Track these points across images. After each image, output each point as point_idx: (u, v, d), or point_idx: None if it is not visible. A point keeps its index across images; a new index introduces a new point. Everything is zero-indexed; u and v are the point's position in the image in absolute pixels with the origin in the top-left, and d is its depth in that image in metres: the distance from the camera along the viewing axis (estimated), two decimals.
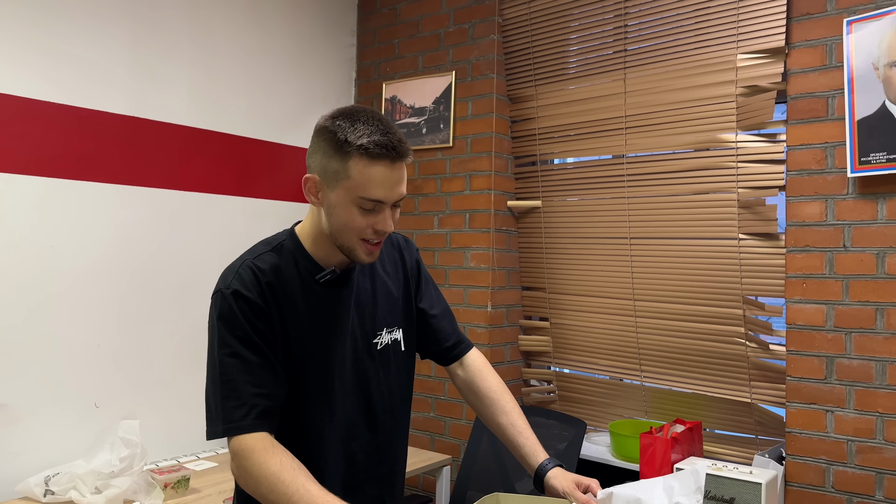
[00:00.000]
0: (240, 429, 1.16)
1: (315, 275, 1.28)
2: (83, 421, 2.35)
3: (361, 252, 1.24)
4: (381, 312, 1.38)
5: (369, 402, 1.34)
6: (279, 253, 1.29)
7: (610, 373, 2.81)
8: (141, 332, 2.52)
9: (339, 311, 1.30)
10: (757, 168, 2.37)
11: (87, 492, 2.11)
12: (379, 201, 1.20)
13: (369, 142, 1.16)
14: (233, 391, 1.18)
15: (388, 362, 1.38)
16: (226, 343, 1.20)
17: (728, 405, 2.50)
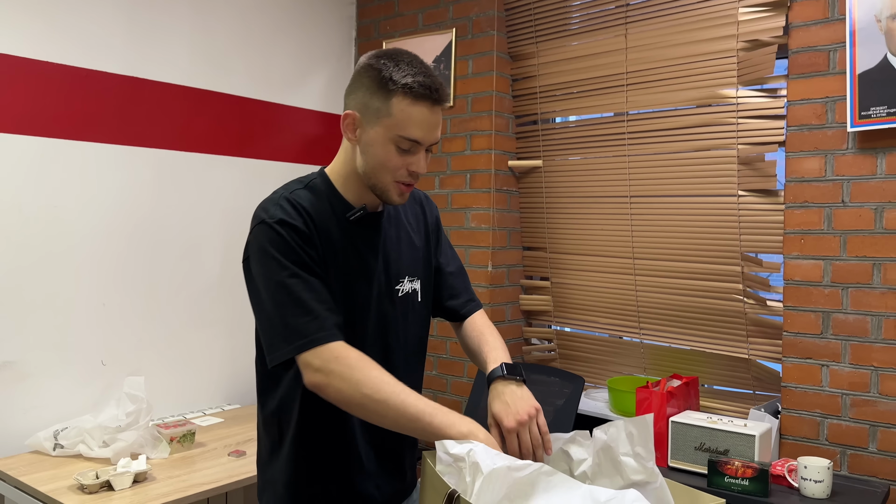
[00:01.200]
0: (320, 340, 1.17)
1: (346, 213, 1.30)
2: (90, 378, 2.40)
3: (394, 193, 1.26)
4: (405, 261, 1.39)
5: (387, 347, 1.36)
6: (312, 191, 1.30)
7: (609, 331, 2.83)
8: (145, 292, 2.56)
9: (368, 252, 1.32)
10: (757, 124, 2.35)
11: (95, 445, 2.17)
12: (416, 142, 1.22)
13: (414, 82, 1.19)
14: (303, 308, 1.18)
15: (407, 311, 1.40)
16: (284, 267, 1.20)
17: (726, 361, 2.52)
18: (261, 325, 1.26)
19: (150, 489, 1.94)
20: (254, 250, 1.25)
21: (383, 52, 1.25)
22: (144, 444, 2.17)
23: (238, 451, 2.25)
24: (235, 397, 2.86)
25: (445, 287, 1.50)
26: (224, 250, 2.80)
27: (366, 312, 1.32)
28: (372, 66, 1.23)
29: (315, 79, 3.16)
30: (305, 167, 3.10)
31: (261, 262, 1.23)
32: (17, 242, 2.23)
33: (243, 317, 2.87)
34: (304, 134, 3.11)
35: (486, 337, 1.44)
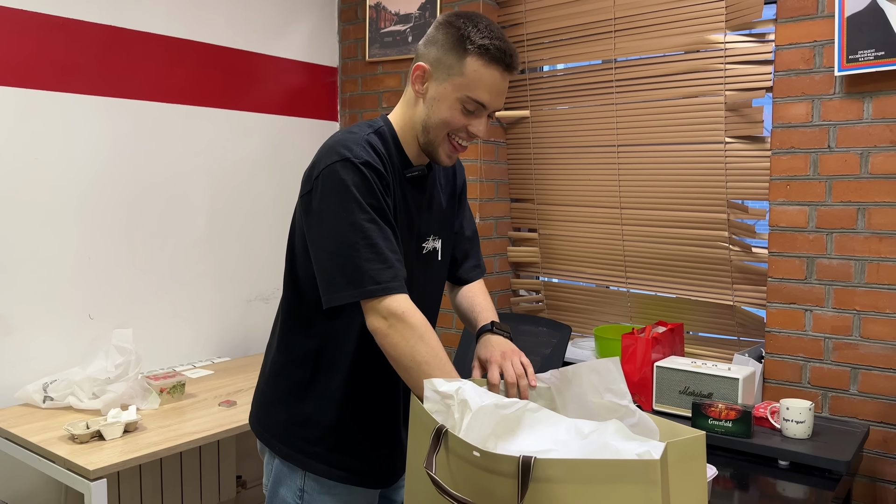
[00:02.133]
0: (390, 289, 1.18)
1: (405, 167, 1.32)
2: (78, 331, 2.40)
3: (444, 152, 1.28)
4: (433, 219, 1.41)
5: (422, 292, 1.39)
6: (382, 137, 1.30)
7: (597, 280, 2.85)
8: (131, 245, 2.54)
9: (415, 210, 1.35)
10: (744, 69, 2.33)
11: (85, 397, 2.17)
12: (482, 105, 1.23)
13: (490, 44, 1.20)
14: (378, 254, 1.19)
15: (428, 268, 1.42)
16: (364, 210, 1.20)
17: (711, 308, 2.54)
18: (322, 263, 1.23)
19: (140, 438, 1.96)
20: (329, 185, 1.22)
21: (464, 13, 1.26)
22: (134, 396, 2.18)
23: (229, 401, 2.27)
24: (225, 350, 2.87)
25: (459, 250, 1.53)
26: (209, 202, 2.78)
27: (408, 265, 1.35)
28: (451, 23, 1.24)
29: (298, 28, 3.10)
30: (290, 119, 3.06)
31: (338, 200, 1.20)
32: (1, 196, 2.20)
33: (232, 269, 2.87)
34: (288, 85, 3.06)
35: (479, 299, 1.50)
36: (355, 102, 3.27)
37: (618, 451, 0.97)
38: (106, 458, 1.82)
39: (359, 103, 3.25)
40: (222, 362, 2.77)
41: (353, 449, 1.36)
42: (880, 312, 2.08)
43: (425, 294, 1.43)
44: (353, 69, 3.23)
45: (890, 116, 2.03)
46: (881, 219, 2.06)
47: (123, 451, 1.87)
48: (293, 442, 1.36)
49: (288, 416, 1.37)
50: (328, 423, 1.35)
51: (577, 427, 1.05)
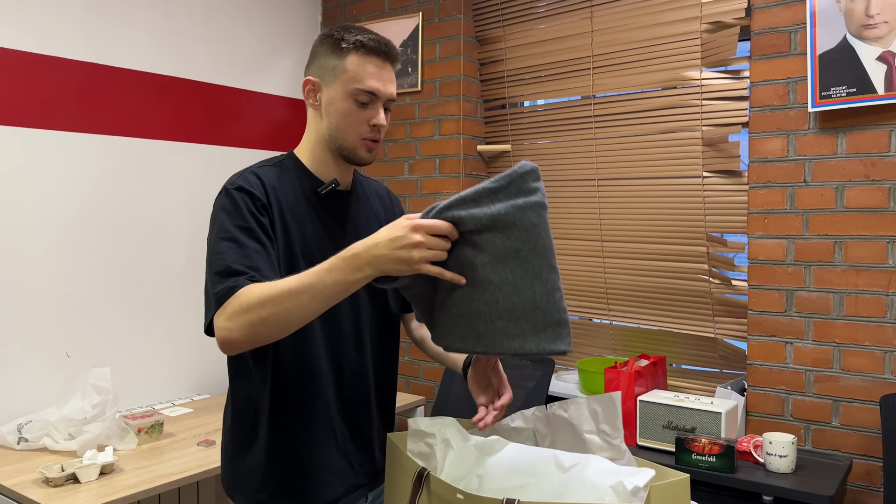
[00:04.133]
0: (233, 289, 1.11)
1: (316, 189, 1.33)
2: (55, 370, 2.36)
3: (362, 149, 1.30)
4: None
5: (359, 324, 1.36)
6: (280, 168, 1.34)
7: (579, 313, 2.85)
8: (109, 281, 2.51)
9: (336, 227, 1.34)
10: (721, 105, 2.38)
11: (61, 438, 2.13)
12: (373, 93, 1.27)
13: (365, 38, 1.27)
14: (225, 268, 1.15)
15: (377, 293, 1.40)
16: (224, 230, 1.20)
17: (693, 341, 2.55)
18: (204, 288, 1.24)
19: (117, 481, 1.92)
20: (212, 217, 1.26)
21: (335, 25, 1.35)
22: (111, 436, 2.14)
23: (208, 440, 2.23)
24: (205, 387, 2.83)
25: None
26: (190, 237, 2.76)
27: None
28: (325, 35, 1.32)
29: (280, 64, 3.12)
30: (271, 153, 3.05)
31: (211, 229, 1.23)
32: None
33: None
34: (269, 120, 3.07)
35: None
36: None
37: (595, 487, 0.97)
38: (81, 502, 1.78)
39: None
40: (202, 399, 2.73)
41: (294, 489, 1.31)
42: (859, 344, 2.10)
43: (380, 320, 1.40)
44: None
45: (863, 151, 2.08)
46: (858, 252, 2.09)
47: (99, 494, 1.83)
48: (246, 492, 1.33)
49: (239, 466, 1.35)
50: (263, 467, 1.31)
51: (558, 459, 1.05)
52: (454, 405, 2.71)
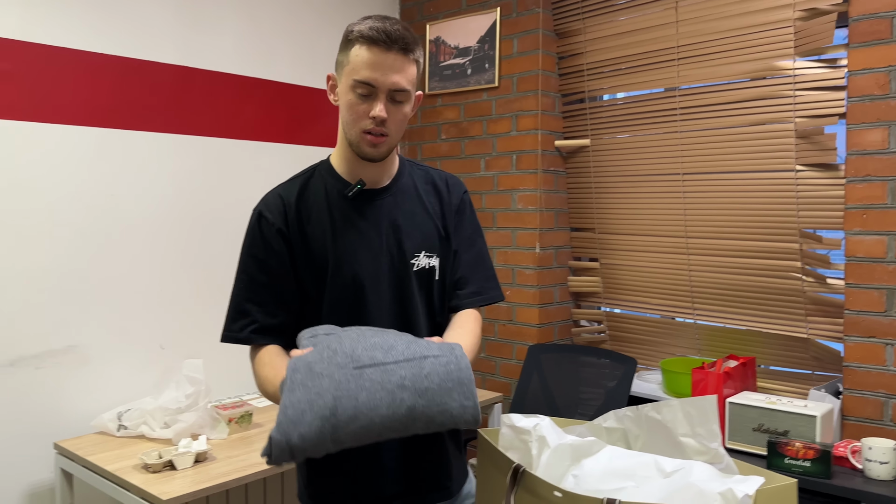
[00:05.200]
0: (237, 339, 1.31)
1: (343, 191, 1.33)
2: (150, 361, 2.47)
3: (364, 144, 1.28)
4: (420, 235, 1.37)
5: (406, 322, 1.34)
6: (311, 176, 1.37)
7: (662, 311, 2.79)
8: (200, 277, 2.61)
9: (370, 226, 1.33)
10: (816, 96, 2.28)
11: (157, 426, 2.23)
12: (370, 84, 1.23)
13: (368, 28, 1.24)
14: (236, 304, 1.32)
15: (425, 286, 1.37)
16: (242, 260, 1.34)
17: (783, 341, 2.46)
18: None
19: (210, 468, 1.99)
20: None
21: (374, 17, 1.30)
22: (204, 425, 2.23)
23: None
24: None
25: (454, 274, 1.42)
26: None
27: (377, 285, 1.32)
28: (346, 29, 1.30)
29: None
30: None
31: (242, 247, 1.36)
32: (79, 230, 2.29)
33: None
34: None
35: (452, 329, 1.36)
36: (415, 134, 3.31)
37: (702, 493, 0.94)
38: (178, 487, 1.86)
39: (418, 135, 3.29)
40: None
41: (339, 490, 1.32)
42: None
43: (429, 314, 1.37)
44: None
45: None
46: None
47: (194, 481, 1.90)
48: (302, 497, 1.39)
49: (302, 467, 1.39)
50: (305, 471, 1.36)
51: (659, 464, 1.02)
52: (532, 402, 2.70)
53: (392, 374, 1.06)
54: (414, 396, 1.04)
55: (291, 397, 1.02)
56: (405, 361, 1.08)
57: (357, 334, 1.12)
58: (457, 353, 1.11)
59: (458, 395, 1.06)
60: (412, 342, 1.11)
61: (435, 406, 1.06)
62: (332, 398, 1.02)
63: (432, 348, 1.11)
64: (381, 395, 1.03)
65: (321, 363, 1.06)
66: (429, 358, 1.09)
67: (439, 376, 1.06)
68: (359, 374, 1.05)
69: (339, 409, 1.01)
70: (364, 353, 1.07)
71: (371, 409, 1.03)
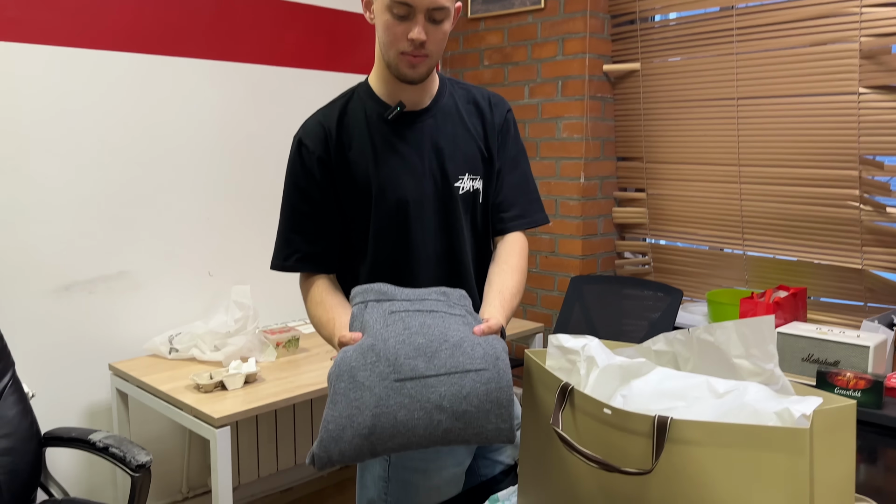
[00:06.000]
0: (284, 268, 1.33)
1: (383, 114, 1.29)
2: (198, 287, 2.52)
3: (403, 65, 1.23)
4: (463, 157, 1.33)
5: (451, 247, 1.33)
6: (350, 98, 1.33)
7: (710, 242, 2.73)
8: (244, 205, 2.63)
9: (412, 149, 1.30)
10: (883, 13, 2.14)
11: (208, 349, 2.29)
12: (407, 4, 1.17)
13: None
14: (282, 234, 1.33)
15: (470, 210, 1.34)
16: (286, 190, 1.33)
17: (836, 272, 2.39)
18: None
19: (260, 389, 2.05)
20: None
21: None
22: (253, 349, 2.28)
23: None
24: None
25: (497, 195, 1.38)
26: None
27: (421, 209, 1.29)
28: None
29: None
30: None
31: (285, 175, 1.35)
32: (124, 158, 2.32)
33: None
34: None
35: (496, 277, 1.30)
36: (456, 61, 3.23)
37: (757, 412, 0.93)
38: (229, 406, 1.92)
39: (460, 62, 3.21)
40: None
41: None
42: None
43: (474, 240, 1.35)
44: (455, 27, 3.19)
45: None
46: None
47: (245, 400, 1.96)
48: None
49: None
50: None
51: (711, 385, 1.01)
52: (573, 333, 2.70)
53: (432, 391, 1.05)
54: (451, 419, 1.04)
55: (333, 411, 1.04)
56: (446, 376, 1.06)
57: (403, 329, 1.10)
58: (500, 366, 1.07)
59: (495, 418, 1.05)
60: (457, 347, 1.07)
61: (471, 429, 1.06)
62: (371, 416, 1.03)
63: (475, 359, 1.07)
64: (418, 416, 1.03)
65: (364, 370, 1.05)
66: (470, 374, 1.07)
67: (478, 398, 1.05)
68: (399, 387, 1.04)
69: (378, 428, 1.03)
70: (406, 361, 1.06)
71: (408, 429, 1.04)
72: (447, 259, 1.34)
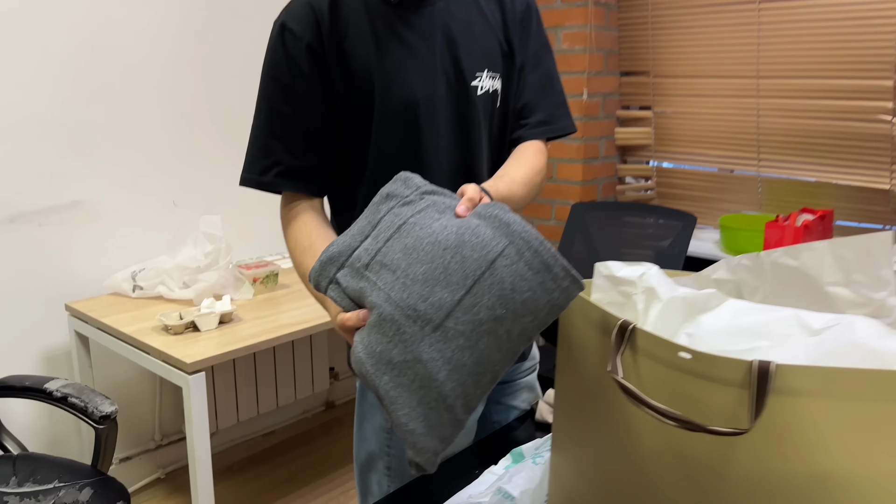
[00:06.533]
0: (259, 184, 1.09)
1: None
2: (163, 219, 2.27)
3: None
4: (481, 50, 1.10)
5: (469, 160, 1.11)
6: None
7: (720, 164, 2.53)
8: (210, 130, 2.36)
9: (421, 39, 1.06)
10: None
11: (176, 286, 2.06)
12: None
13: None
14: (257, 140, 1.08)
15: (490, 114, 1.12)
16: (263, 85, 1.08)
17: (860, 194, 2.22)
18: None
19: (236, 330, 1.83)
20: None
21: None
22: (227, 285, 2.06)
23: None
24: None
25: (518, 98, 1.17)
26: None
27: (433, 113, 1.07)
28: None
29: None
30: None
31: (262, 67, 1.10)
32: (74, 74, 2.02)
33: None
34: None
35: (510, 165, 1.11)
36: None
37: (875, 353, 0.73)
38: (202, 350, 1.70)
39: None
40: None
41: None
42: None
43: (494, 147, 1.14)
44: None
45: None
46: None
47: (220, 343, 1.75)
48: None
49: None
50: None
51: (802, 319, 0.81)
52: (576, 266, 2.51)
53: (476, 310, 0.80)
54: (516, 320, 0.80)
55: (400, 410, 0.80)
56: (476, 285, 0.80)
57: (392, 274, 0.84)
58: (516, 229, 0.81)
59: (553, 282, 0.80)
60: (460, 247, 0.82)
61: (542, 311, 0.81)
62: (441, 383, 0.79)
63: (488, 244, 0.81)
64: (484, 344, 0.80)
65: (395, 348, 0.81)
66: (496, 263, 0.81)
67: (524, 279, 0.80)
68: (443, 333, 0.80)
69: (458, 386, 0.80)
70: (425, 304, 0.80)
71: (485, 363, 0.80)
72: (463, 177, 1.11)
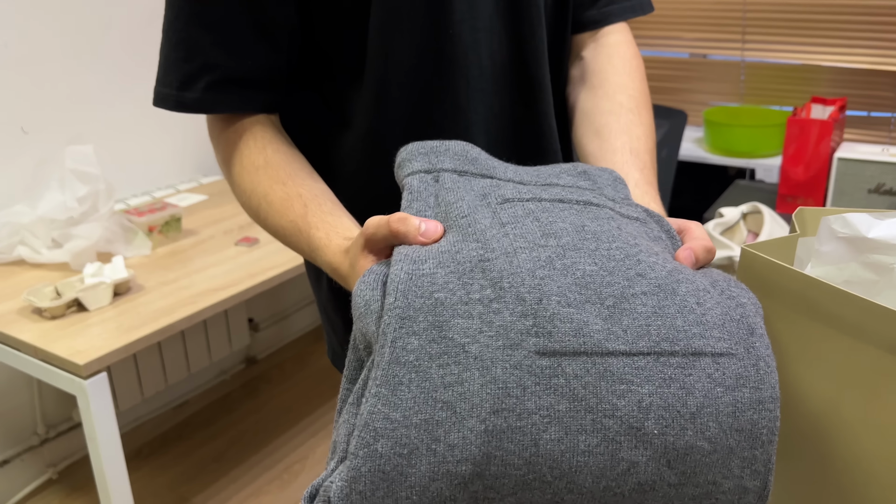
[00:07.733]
0: (182, 103, 0.68)
1: None
2: (11, 153, 1.68)
3: None
4: None
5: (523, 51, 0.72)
6: None
7: (694, 49, 2.20)
8: (68, 26, 1.74)
9: None
10: None
11: (42, 246, 1.52)
12: None
13: None
14: (176, 35, 0.68)
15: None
16: None
17: (861, 78, 1.97)
18: None
19: (138, 304, 1.35)
20: None
21: None
22: (114, 240, 1.54)
23: (248, 238, 1.64)
24: (213, 166, 2.19)
25: None
26: None
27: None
28: None
29: None
30: None
31: None
32: None
33: None
34: None
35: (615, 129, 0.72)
36: None
37: None
38: (97, 340, 1.22)
39: None
40: (214, 182, 2.11)
41: None
42: None
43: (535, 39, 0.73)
44: None
45: None
46: None
47: (121, 327, 1.27)
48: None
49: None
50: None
51: None
52: None
53: (620, 388, 0.42)
54: (656, 461, 0.42)
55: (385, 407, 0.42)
56: (651, 357, 0.42)
57: (541, 235, 0.47)
58: (759, 352, 0.44)
59: (740, 466, 0.43)
60: (669, 292, 0.44)
61: (690, 486, 0.42)
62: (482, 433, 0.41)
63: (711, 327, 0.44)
64: (588, 444, 0.41)
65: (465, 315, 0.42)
66: (703, 360, 0.41)
67: (717, 419, 0.42)
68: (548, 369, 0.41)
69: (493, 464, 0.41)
70: (563, 310, 0.42)
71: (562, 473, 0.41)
72: (516, 75, 0.72)
